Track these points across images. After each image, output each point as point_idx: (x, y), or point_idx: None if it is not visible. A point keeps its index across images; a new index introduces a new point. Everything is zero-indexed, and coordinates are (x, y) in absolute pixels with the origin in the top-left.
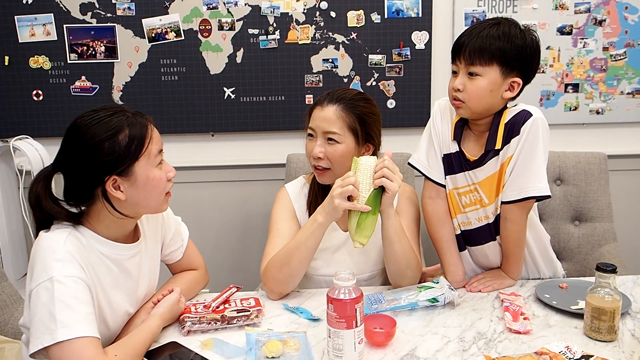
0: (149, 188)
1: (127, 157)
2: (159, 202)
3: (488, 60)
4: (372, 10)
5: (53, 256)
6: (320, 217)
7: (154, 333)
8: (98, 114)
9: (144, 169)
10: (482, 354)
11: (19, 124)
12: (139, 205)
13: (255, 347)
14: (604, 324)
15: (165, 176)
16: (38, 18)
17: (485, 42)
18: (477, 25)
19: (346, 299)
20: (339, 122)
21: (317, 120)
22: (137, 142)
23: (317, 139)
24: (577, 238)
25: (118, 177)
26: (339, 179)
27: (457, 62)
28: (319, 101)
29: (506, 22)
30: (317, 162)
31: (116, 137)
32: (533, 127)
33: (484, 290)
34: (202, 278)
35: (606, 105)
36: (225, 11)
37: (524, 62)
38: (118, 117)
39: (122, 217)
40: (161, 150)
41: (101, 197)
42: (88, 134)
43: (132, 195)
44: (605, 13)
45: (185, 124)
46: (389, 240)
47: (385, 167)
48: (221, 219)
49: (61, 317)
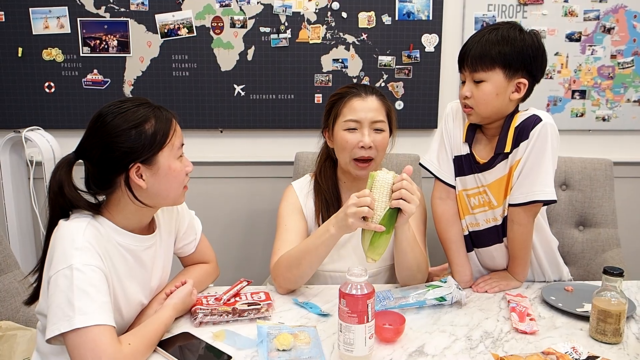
0: (170, 178)
1: (152, 146)
2: (177, 194)
3: (490, 65)
4: (383, 12)
5: (72, 245)
6: (332, 228)
7: (166, 323)
8: (125, 104)
9: (166, 160)
10: (490, 352)
11: (30, 115)
12: (159, 195)
13: (266, 339)
14: (610, 327)
15: (185, 169)
16: (52, 11)
17: (485, 48)
18: (477, 33)
19: (358, 294)
20: (382, 111)
21: (362, 111)
22: (163, 133)
23: (363, 129)
24: (581, 243)
25: (142, 165)
26: (354, 195)
27: (462, 71)
28: (354, 93)
29: (505, 25)
30: (366, 152)
31: (143, 126)
32: (542, 132)
33: (491, 290)
34: (213, 271)
35: (612, 112)
36: (238, 9)
37: (527, 62)
38: (145, 108)
39: (142, 207)
40: (182, 145)
41: (123, 184)
42: (116, 121)
43: (153, 184)
44: (614, 21)
45: (194, 119)
46: (402, 251)
47: (404, 188)
48: (228, 214)
49: (79, 305)
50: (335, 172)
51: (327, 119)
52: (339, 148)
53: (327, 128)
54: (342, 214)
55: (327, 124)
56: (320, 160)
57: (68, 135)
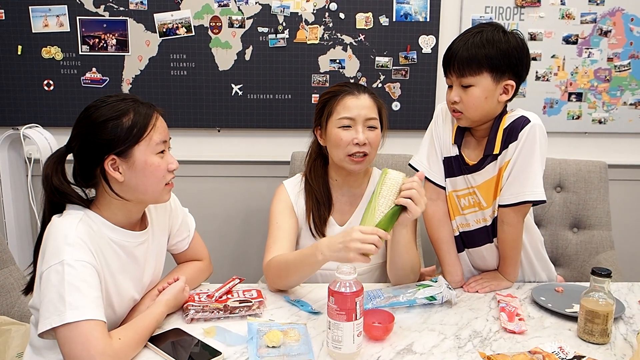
0: (147, 173)
1: (127, 139)
2: (157, 190)
3: (477, 69)
4: (381, 13)
5: (65, 240)
6: (321, 255)
7: (158, 319)
8: (110, 98)
9: (143, 154)
10: (477, 351)
11: (29, 112)
12: (137, 190)
13: (256, 336)
14: (597, 327)
15: (166, 166)
16: (52, 9)
17: (470, 52)
18: (461, 37)
19: (347, 292)
20: (374, 108)
21: (356, 108)
22: (140, 127)
23: (357, 126)
24: (575, 245)
25: (117, 157)
26: (357, 228)
27: (449, 76)
28: (348, 91)
29: (489, 27)
30: (361, 148)
31: (120, 119)
32: (531, 133)
33: (481, 290)
34: (206, 269)
35: (609, 115)
36: (236, 9)
37: (513, 64)
38: (126, 103)
39: (121, 200)
40: (165, 141)
41: (100, 176)
42: (96, 113)
43: (130, 178)
44: (611, 24)
45: (192, 118)
46: (398, 252)
47: (415, 189)
48: (224, 213)
49: (70, 300)
50: (325, 171)
51: (319, 117)
52: (332, 145)
53: (319, 126)
54: (339, 245)
55: (320, 122)
56: (310, 159)
57: (66, 133)
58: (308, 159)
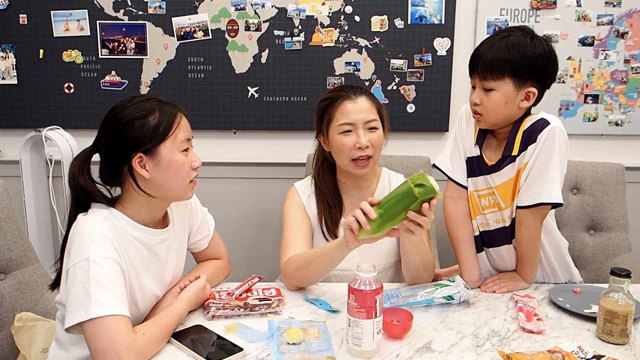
0: (172, 170)
1: (154, 137)
2: (182, 187)
3: (499, 74)
4: (396, 15)
5: (90, 238)
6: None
7: (180, 316)
8: (135, 98)
9: (168, 151)
10: (496, 349)
11: (50, 114)
12: (163, 187)
13: (277, 333)
14: (617, 327)
15: (190, 164)
16: (73, 14)
17: (495, 55)
18: (489, 39)
19: (367, 290)
20: (374, 109)
21: (354, 113)
22: (165, 125)
23: (358, 130)
24: (591, 247)
25: (144, 155)
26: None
27: (473, 77)
28: (344, 96)
29: (518, 32)
30: (364, 151)
31: (147, 118)
32: (550, 136)
33: (499, 291)
34: (226, 267)
35: (625, 117)
36: (253, 12)
37: (537, 71)
38: (152, 103)
39: (147, 197)
40: (189, 139)
41: (128, 174)
42: (122, 113)
43: (155, 175)
44: (627, 25)
45: (208, 120)
46: (408, 253)
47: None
48: (239, 214)
49: (95, 295)
50: (333, 174)
51: (320, 124)
52: (336, 151)
53: (321, 133)
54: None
55: (321, 129)
56: (317, 163)
57: (86, 134)
58: (315, 162)
